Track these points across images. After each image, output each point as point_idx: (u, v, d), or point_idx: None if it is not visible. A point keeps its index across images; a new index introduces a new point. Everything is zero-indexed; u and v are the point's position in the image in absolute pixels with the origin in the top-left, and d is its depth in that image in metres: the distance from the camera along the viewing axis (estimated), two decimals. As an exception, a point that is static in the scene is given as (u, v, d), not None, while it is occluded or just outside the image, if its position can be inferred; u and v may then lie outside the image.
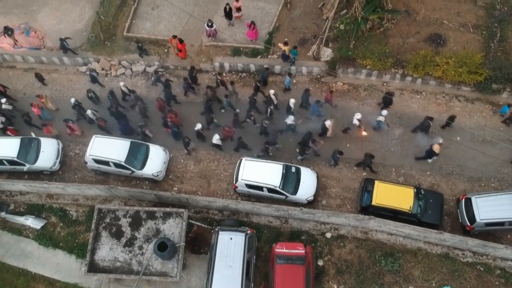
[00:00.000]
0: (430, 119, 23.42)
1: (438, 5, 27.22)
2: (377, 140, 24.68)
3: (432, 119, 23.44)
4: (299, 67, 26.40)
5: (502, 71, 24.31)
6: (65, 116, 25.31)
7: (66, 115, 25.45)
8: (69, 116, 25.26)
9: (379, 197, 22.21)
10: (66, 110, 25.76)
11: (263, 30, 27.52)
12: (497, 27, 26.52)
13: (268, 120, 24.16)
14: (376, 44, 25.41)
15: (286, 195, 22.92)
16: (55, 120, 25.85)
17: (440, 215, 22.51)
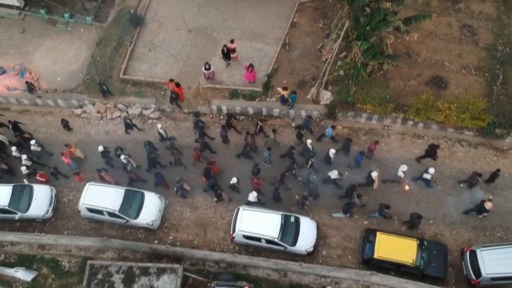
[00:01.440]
0: (479, 175, 22.50)
1: (439, 47, 26.85)
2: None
3: (481, 176, 22.54)
4: (298, 110, 25.90)
5: (506, 116, 23.83)
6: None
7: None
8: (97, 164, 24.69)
9: (381, 250, 21.52)
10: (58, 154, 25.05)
11: (261, 72, 27.10)
12: (500, 69, 26.13)
13: (315, 174, 23.16)
14: (376, 88, 24.95)
15: (285, 247, 22.19)
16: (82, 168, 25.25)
17: (444, 268, 21.80)
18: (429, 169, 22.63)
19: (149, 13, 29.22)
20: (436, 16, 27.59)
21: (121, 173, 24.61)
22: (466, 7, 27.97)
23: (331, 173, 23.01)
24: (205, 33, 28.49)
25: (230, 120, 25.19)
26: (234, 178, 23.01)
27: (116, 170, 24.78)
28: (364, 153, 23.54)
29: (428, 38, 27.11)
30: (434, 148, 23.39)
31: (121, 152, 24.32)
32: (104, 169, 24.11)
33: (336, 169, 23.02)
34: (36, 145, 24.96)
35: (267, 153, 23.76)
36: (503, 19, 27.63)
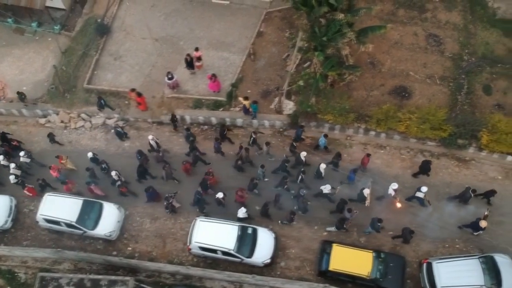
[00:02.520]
0: (473, 191, 22.06)
1: (404, 56, 26.77)
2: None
3: (475, 191, 22.07)
4: (261, 120, 25.79)
5: (466, 127, 23.63)
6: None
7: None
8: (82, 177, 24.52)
9: (336, 262, 21.37)
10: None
11: (226, 81, 27.02)
12: (465, 79, 26.02)
13: (306, 189, 22.87)
14: (338, 99, 24.78)
15: (241, 258, 22.02)
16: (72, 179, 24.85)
17: (402, 280, 21.57)
18: (422, 188, 22.27)
19: (116, 22, 29.19)
20: (402, 25, 27.64)
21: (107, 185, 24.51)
22: (433, 16, 27.88)
23: (324, 188, 22.77)
24: (171, 42, 28.43)
25: (224, 132, 24.82)
26: (220, 193, 22.69)
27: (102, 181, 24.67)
28: (357, 170, 23.22)
29: (394, 47, 27.03)
30: (427, 164, 23.08)
31: (106, 166, 24.16)
32: (94, 182, 23.90)
33: (328, 184, 22.76)
34: (25, 156, 24.66)
35: (260, 171, 23.43)
36: (470, 29, 27.54)
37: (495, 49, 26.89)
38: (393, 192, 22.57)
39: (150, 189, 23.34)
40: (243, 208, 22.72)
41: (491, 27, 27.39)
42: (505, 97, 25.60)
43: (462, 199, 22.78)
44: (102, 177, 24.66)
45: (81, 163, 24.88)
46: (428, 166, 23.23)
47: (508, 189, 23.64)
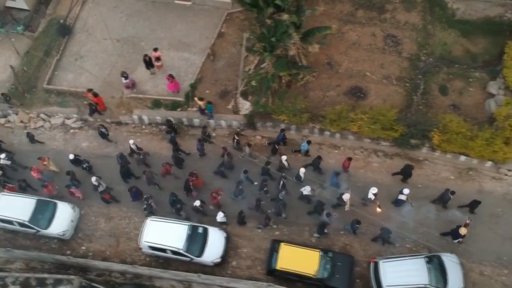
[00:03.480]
0: (452, 193, 22.10)
1: (361, 57, 26.90)
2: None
3: (454, 193, 22.07)
4: (218, 120, 25.91)
5: (417, 127, 23.74)
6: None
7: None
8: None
9: (283, 261, 21.51)
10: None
11: (186, 82, 27.17)
12: (421, 79, 26.14)
13: (285, 192, 22.76)
14: (293, 99, 24.90)
15: (191, 258, 22.15)
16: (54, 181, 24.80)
17: (349, 279, 21.66)
18: (404, 190, 22.28)
19: (78, 23, 29.35)
20: (360, 26, 27.80)
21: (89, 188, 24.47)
22: (392, 17, 28.03)
23: (304, 189, 22.82)
24: (132, 43, 28.58)
25: (206, 133, 24.76)
26: (197, 201, 22.58)
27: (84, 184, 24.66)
28: (339, 173, 23.21)
29: (351, 48, 27.17)
30: (409, 168, 23.09)
31: (88, 165, 24.15)
32: (74, 184, 23.94)
33: (308, 186, 22.80)
34: (5, 159, 24.59)
35: (243, 176, 23.40)
36: (429, 29, 27.69)
37: (453, 50, 27.02)
38: (372, 196, 22.56)
39: (133, 189, 23.28)
40: (221, 212, 22.67)
41: (450, 28, 27.54)
42: (460, 98, 25.74)
43: (441, 201, 22.82)
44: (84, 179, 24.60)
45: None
46: (409, 171, 23.19)
47: (460, 189, 23.66)
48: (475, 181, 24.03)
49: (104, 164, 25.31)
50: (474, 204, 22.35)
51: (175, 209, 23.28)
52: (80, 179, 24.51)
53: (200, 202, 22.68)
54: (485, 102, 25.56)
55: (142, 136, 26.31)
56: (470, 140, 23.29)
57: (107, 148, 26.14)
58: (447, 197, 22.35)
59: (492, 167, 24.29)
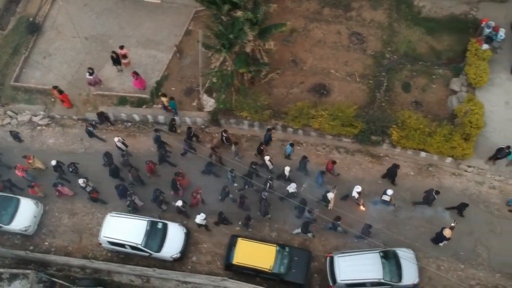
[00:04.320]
0: (436, 193, 22.10)
1: (326, 55, 27.10)
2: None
3: (438, 193, 22.06)
4: (183, 117, 26.11)
5: (376, 124, 23.91)
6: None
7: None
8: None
9: (240, 256, 21.71)
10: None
11: (153, 79, 27.36)
12: (385, 76, 26.32)
13: (268, 192, 22.76)
14: (256, 96, 25.10)
15: (149, 253, 22.33)
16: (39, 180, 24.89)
17: (306, 274, 21.84)
18: (387, 191, 22.35)
19: (48, 21, 29.56)
20: (326, 24, 28.00)
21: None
22: (358, 15, 28.23)
23: (289, 187, 22.91)
24: (101, 41, 28.77)
25: (191, 133, 24.74)
26: (179, 201, 22.64)
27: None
28: (324, 172, 23.32)
29: (316, 46, 27.39)
30: (395, 168, 23.16)
31: (74, 168, 24.18)
32: (60, 183, 24.06)
33: (293, 183, 22.94)
34: None
35: (230, 175, 23.60)
36: (394, 27, 27.89)
37: (418, 47, 27.22)
38: (356, 194, 22.70)
39: (120, 186, 23.41)
40: (202, 214, 22.65)
41: (415, 26, 27.74)
42: (423, 94, 25.93)
43: (426, 202, 22.94)
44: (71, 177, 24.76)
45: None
46: (395, 171, 23.29)
47: (419, 185, 23.96)
48: (434, 177, 24.22)
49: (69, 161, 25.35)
50: (462, 207, 22.45)
51: (157, 202, 23.43)
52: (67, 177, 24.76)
53: (182, 202, 22.77)
54: (448, 99, 25.74)
55: (108, 133, 26.47)
56: (429, 136, 23.48)
57: (73, 145, 26.34)
58: (432, 197, 22.46)
59: (452, 163, 24.48)
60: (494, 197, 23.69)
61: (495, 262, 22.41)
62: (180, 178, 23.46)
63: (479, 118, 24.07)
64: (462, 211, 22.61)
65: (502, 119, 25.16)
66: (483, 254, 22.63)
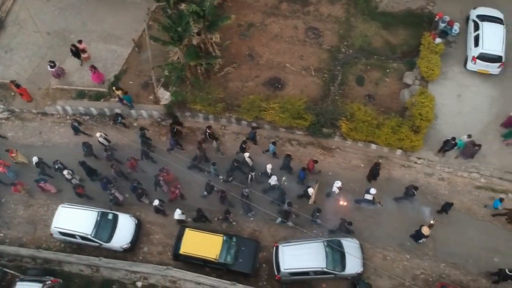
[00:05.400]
0: (415, 188, 22.45)
1: (282, 49, 27.43)
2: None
3: (417, 189, 22.50)
4: (139, 110, 26.43)
5: (325, 116, 24.22)
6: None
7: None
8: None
9: (186, 246, 22.01)
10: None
11: (112, 73, 27.66)
12: (340, 70, 26.63)
13: (248, 188, 22.98)
14: (211, 89, 25.41)
15: (99, 243, 22.65)
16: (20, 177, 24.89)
17: (253, 264, 22.13)
18: (370, 190, 22.58)
19: (10, 16, 29.86)
20: (283, 19, 28.32)
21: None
22: (316, 10, 28.58)
23: (271, 180, 23.24)
24: (63, 36, 29.07)
25: (174, 129, 24.88)
26: (156, 200, 22.78)
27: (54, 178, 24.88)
28: (306, 169, 23.57)
29: (273, 40, 27.71)
30: (376, 167, 23.43)
31: (60, 165, 24.15)
32: (43, 179, 24.17)
33: (274, 175, 23.23)
34: None
35: (212, 168, 23.86)
36: (351, 22, 28.24)
37: (373, 42, 27.55)
38: (337, 189, 22.97)
39: (104, 179, 23.54)
40: (178, 209, 22.87)
41: (372, 20, 28.10)
42: (376, 88, 26.27)
43: (406, 197, 23.20)
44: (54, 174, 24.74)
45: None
46: (377, 170, 23.55)
47: (368, 177, 24.25)
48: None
49: (28, 154, 25.54)
50: (446, 207, 22.70)
51: (136, 194, 23.60)
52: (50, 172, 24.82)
53: (159, 201, 22.97)
54: (400, 92, 26.05)
55: (66, 126, 26.75)
56: (377, 128, 23.78)
57: (31, 137, 26.64)
58: (411, 192, 22.75)
59: (402, 155, 24.81)
60: (442, 189, 23.97)
61: (440, 252, 22.72)
62: (164, 174, 23.63)
63: (429, 111, 24.38)
64: (446, 210, 22.76)
65: (454, 112, 25.51)
66: (429, 244, 22.93)
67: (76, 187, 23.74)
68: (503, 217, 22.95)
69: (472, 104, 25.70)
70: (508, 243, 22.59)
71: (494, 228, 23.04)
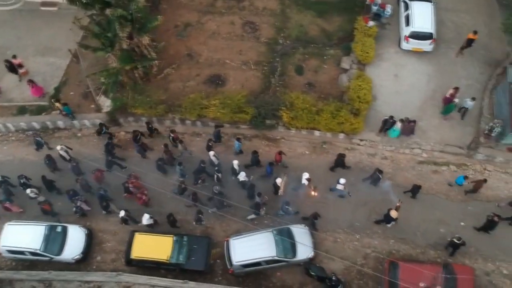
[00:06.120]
0: (380, 172, 22.79)
1: (220, 46, 27.61)
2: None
3: (382, 172, 22.79)
4: (82, 120, 26.24)
5: (266, 108, 24.49)
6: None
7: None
8: None
9: (137, 250, 22.00)
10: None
11: (52, 86, 27.40)
12: (279, 62, 26.93)
13: (218, 185, 23.04)
14: (155, 91, 25.44)
15: (50, 257, 22.43)
16: None
17: (206, 261, 22.23)
18: (340, 180, 22.79)
19: None
20: (220, 16, 28.52)
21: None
22: (251, 4, 28.91)
23: (239, 176, 23.32)
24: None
25: (137, 136, 24.61)
26: (122, 211, 22.56)
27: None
28: (273, 163, 23.72)
29: (211, 38, 27.89)
30: (341, 158, 23.61)
31: (25, 180, 23.62)
32: (8, 200, 23.54)
33: (243, 172, 23.33)
34: None
35: (178, 168, 23.69)
36: (287, 13, 28.65)
37: (309, 30, 28.01)
38: (306, 181, 23.09)
39: (70, 191, 23.16)
40: (146, 214, 22.70)
41: (306, 10, 28.59)
42: (316, 76, 26.70)
43: (372, 180, 23.49)
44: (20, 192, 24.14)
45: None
46: (342, 160, 23.78)
47: (314, 163, 24.72)
48: (329, 154, 24.97)
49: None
50: (415, 189, 23.05)
51: (101, 204, 23.35)
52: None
53: (124, 212, 22.76)
54: (339, 78, 26.51)
55: (9, 143, 26.39)
56: (316, 115, 24.16)
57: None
58: (376, 176, 23.09)
59: (345, 138, 25.30)
60: (386, 167, 24.48)
61: (388, 229, 23.18)
62: (133, 180, 23.48)
63: (367, 93, 24.91)
64: (415, 193, 23.14)
65: (392, 92, 26.12)
66: (378, 222, 23.34)
67: (42, 204, 23.35)
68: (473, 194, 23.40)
69: (409, 82, 26.35)
70: (451, 213, 23.28)
71: (437, 200, 23.67)
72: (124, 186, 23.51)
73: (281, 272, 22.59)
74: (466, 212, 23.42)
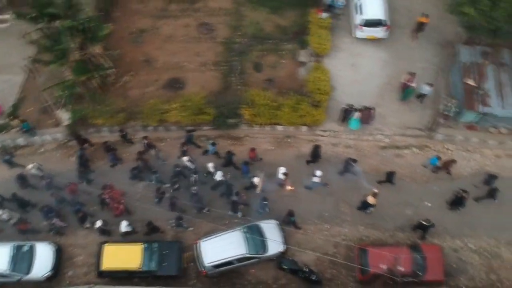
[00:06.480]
0: (353, 161, 22.98)
1: (177, 49, 27.55)
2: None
3: (355, 161, 23.02)
4: (42, 135, 25.85)
5: (227, 107, 24.51)
6: None
7: None
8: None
9: (108, 261, 21.77)
10: None
11: (10, 103, 26.90)
12: (237, 60, 26.96)
13: (196, 186, 22.90)
14: (114, 100, 25.21)
15: (19, 277, 22.03)
16: None
17: (178, 265, 22.13)
18: (316, 172, 22.90)
19: None
20: (174, 19, 28.43)
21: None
22: (205, 6, 28.91)
23: (216, 176, 23.23)
24: (-48, 75, 28.01)
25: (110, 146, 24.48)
26: (98, 222, 22.26)
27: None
28: (248, 162, 23.70)
29: (167, 42, 27.79)
30: (317, 149, 23.67)
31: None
32: None
33: (219, 171, 23.26)
34: None
35: (154, 176, 23.47)
36: (242, 11, 28.75)
37: (265, 27, 28.16)
38: (282, 176, 23.09)
39: (45, 208, 22.68)
40: (124, 221, 22.44)
41: (260, 7, 28.71)
42: (274, 71, 26.84)
43: (346, 170, 23.54)
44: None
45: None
46: (317, 152, 23.81)
47: (280, 158, 24.79)
48: (293, 147, 25.15)
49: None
50: (390, 176, 23.30)
51: (78, 218, 22.97)
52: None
53: (101, 222, 22.44)
54: (297, 71, 26.69)
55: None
56: (277, 110, 24.28)
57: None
58: (350, 165, 23.15)
59: (308, 131, 25.49)
60: (351, 155, 24.68)
61: (357, 217, 23.43)
62: (109, 191, 23.16)
63: (326, 84, 25.19)
64: (391, 179, 23.40)
65: (350, 81, 26.47)
66: (345, 211, 23.62)
67: (17, 224, 22.90)
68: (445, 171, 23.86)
69: (366, 70, 26.74)
70: (416, 195, 23.65)
71: (403, 184, 24.02)
72: (100, 198, 23.20)
73: (255, 269, 22.62)
74: (431, 193, 23.80)
